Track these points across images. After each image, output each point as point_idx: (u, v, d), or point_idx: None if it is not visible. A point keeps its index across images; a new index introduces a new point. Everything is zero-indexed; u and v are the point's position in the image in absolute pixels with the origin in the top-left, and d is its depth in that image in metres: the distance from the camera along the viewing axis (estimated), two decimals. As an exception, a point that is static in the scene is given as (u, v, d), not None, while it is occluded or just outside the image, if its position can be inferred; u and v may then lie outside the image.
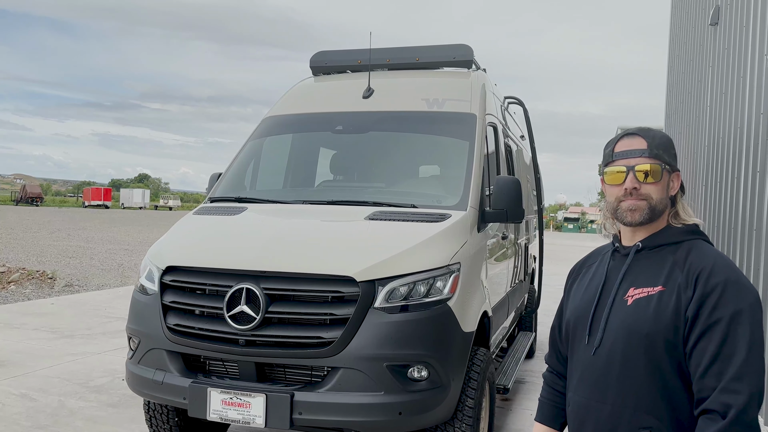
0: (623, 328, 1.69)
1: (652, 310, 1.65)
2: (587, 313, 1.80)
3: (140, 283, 3.88)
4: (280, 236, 3.83)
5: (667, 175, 1.77)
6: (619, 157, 1.78)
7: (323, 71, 5.56)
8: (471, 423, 3.59)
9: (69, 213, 56.88)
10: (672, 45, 14.24)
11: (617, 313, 1.72)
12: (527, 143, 7.25)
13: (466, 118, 4.58)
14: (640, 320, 1.66)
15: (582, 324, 1.81)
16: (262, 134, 5.11)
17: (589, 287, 1.86)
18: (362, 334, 3.27)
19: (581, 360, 1.80)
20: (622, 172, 1.76)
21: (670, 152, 1.78)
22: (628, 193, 1.74)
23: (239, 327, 3.36)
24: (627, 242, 1.83)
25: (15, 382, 5.75)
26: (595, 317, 1.77)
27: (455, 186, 4.23)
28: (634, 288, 1.72)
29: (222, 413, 3.39)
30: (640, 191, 1.73)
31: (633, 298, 1.70)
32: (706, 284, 1.61)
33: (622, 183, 1.75)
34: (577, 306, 1.86)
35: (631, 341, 1.66)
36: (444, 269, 3.52)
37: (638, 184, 1.73)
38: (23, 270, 13.12)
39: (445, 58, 5.27)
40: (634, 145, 1.77)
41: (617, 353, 1.69)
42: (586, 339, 1.78)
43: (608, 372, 1.70)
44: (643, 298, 1.68)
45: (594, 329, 1.76)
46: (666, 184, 1.77)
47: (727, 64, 7.40)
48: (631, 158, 1.75)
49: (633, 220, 1.76)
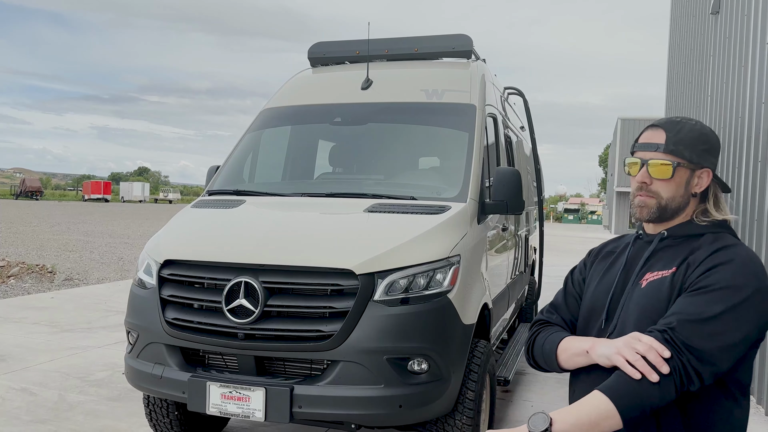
0: (636, 309, 1.66)
1: (665, 291, 1.62)
2: (604, 298, 1.76)
3: (138, 277, 3.86)
4: (279, 229, 3.81)
5: (687, 173, 1.69)
6: (638, 148, 1.74)
7: (321, 62, 5.52)
8: (471, 415, 3.58)
9: (69, 207, 56.86)
10: (672, 34, 14.17)
11: (632, 297, 1.69)
12: (527, 134, 7.22)
13: (466, 109, 4.54)
14: (651, 301, 1.63)
15: (598, 309, 1.77)
16: (260, 126, 5.08)
17: (608, 273, 1.82)
18: (362, 327, 3.26)
19: None
20: (636, 165, 1.72)
21: (696, 148, 1.68)
22: (640, 188, 1.71)
23: (238, 321, 3.34)
24: (651, 231, 1.78)
25: (15, 377, 5.75)
26: (612, 302, 1.73)
27: (455, 178, 4.20)
28: (650, 273, 1.69)
29: (221, 407, 3.37)
30: (651, 187, 1.69)
31: (647, 281, 1.68)
32: (710, 261, 1.57)
33: (636, 176, 1.72)
34: (593, 291, 1.82)
35: (642, 322, 1.63)
36: (444, 261, 3.50)
37: (649, 179, 1.69)
38: (23, 264, 13.11)
39: (444, 48, 5.22)
40: (653, 138, 1.71)
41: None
42: (602, 323, 1.73)
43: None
44: (656, 280, 1.66)
45: (611, 314, 1.73)
46: (683, 182, 1.69)
47: (728, 53, 7.36)
48: (646, 152, 1.70)
49: (641, 217, 1.73)
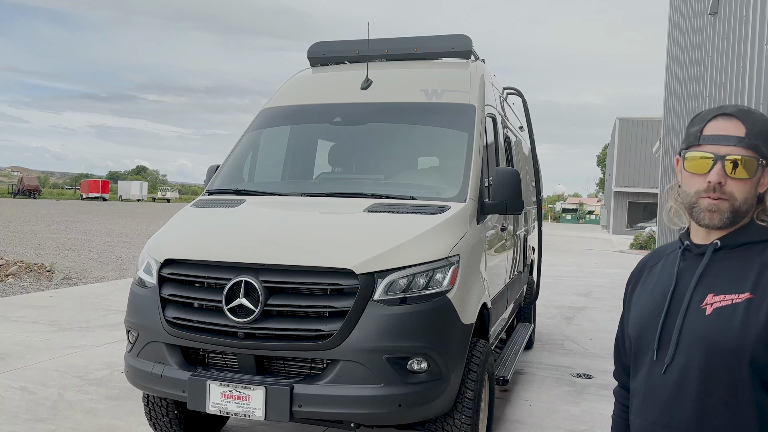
0: (702, 342, 1.43)
1: (740, 322, 1.39)
2: (655, 324, 1.53)
3: (138, 276, 3.87)
4: (279, 229, 3.82)
5: (761, 171, 1.47)
6: (708, 141, 1.47)
7: (321, 62, 5.53)
8: (470, 414, 3.60)
9: (67, 205, 56.79)
10: (671, 34, 14.19)
11: (693, 324, 1.45)
12: (526, 134, 7.23)
13: (465, 109, 4.55)
14: (724, 333, 1.40)
15: (648, 336, 1.54)
16: (260, 126, 5.09)
17: (654, 293, 1.58)
18: (362, 327, 3.27)
19: (647, 377, 1.54)
20: (708, 160, 1.46)
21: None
22: (711, 188, 1.46)
23: (238, 320, 3.35)
24: (700, 240, 1.54)
25: (14, 375, 5.75)
26: (664, 328, 1.50)
27: (454, 177, 4.21)
28: (713, 295, 1.45)
29: (221, 406, 3.38)
30: (725, 188, 1.45)
31: (713, 306, 1.44)
32: None
33: (706, 173, 1.46)
34: (641, 315, 1.59)
35: (712, 358, 1.41)
36: (443, 261, 3.51)
37: (724, 178, 1.44)
38: (21, 263, 13.10)
39: (444, 48, 5.23)
40: (729, 130, 1.46)
41: (693, 371, 1.43)
42: (654, 354, 1.51)
43: (681, 393, 1.45)
44: (727, 307, 1.42)
45: (663, 342, 1.50)
46: (757, 182, 1.48)
47: (726, 53, 7.38)
48: (722, 145, 1.45)
49: (711, 223, 1.48)
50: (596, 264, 19.40)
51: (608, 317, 9.87)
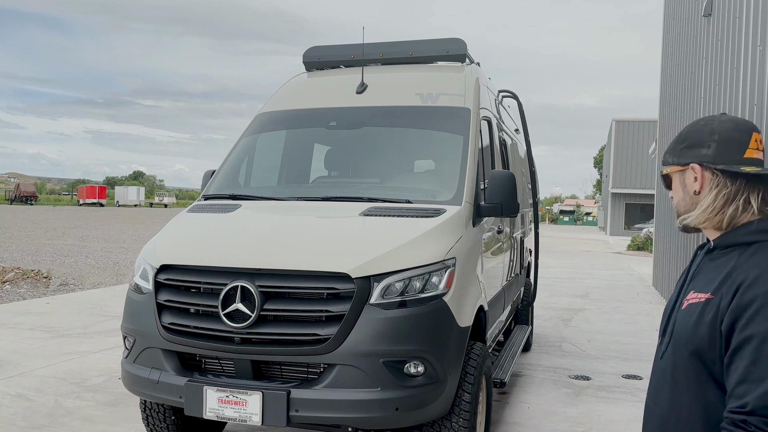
0: (675, 334, 1.58)
1: (695, 319, 1.51)
2: (666, 314, 1.69)
3: (135, 282, 3.87)
4: (275, 233, 3.82)
5: (678, 176, 1.62)
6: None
7: (316, 66, 5.54)
8: (468, 417, 3.60)
9: (63, 211, 56.69)
10: (666, 36, 14.23)
11: (676, 318, 1.61)
12: (522, 137, 7.25)
13: (460, 112, 4.56)
14: (683, 328, 1.54)
15: (662, 325, 1.71)
16: (256, 131, 5.09)
17: (676, 285, 1.74)
18: (358, 331, 3.27)
19: (654, 362, 1.71)
20: None
21: (675, 149, 1.62)
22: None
23: (234, 325, 3.35)
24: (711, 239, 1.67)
25: (11, 382, 5.74)
26: (669, 319, 1.65)
27: (450, 181, 4.22)
28: (693, 292, 1.57)
29: (218, 411, 3.38)
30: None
31: (687, 302, 1.57)
32: (743, 295, 1.42)
33: None
34: (666, 304, 1.75)
35: (676, 349, 1.56)
36: (439, 264, 3.51)
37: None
38: (18, 269, 13.07)
39: (439, 52, 5.25)
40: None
41: (669, 360, 1.59)
42: (660, 341, 1.68)
43: (663, 378, 1.61)
44: (693, 304, 1.54)
45: (665, 332, 1.65)
46: (679, 186, 1.63)
47: (720, 55, 7.40)
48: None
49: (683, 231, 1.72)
50: (593, 265, 19.43)
51: (605, 319, 9.88)
